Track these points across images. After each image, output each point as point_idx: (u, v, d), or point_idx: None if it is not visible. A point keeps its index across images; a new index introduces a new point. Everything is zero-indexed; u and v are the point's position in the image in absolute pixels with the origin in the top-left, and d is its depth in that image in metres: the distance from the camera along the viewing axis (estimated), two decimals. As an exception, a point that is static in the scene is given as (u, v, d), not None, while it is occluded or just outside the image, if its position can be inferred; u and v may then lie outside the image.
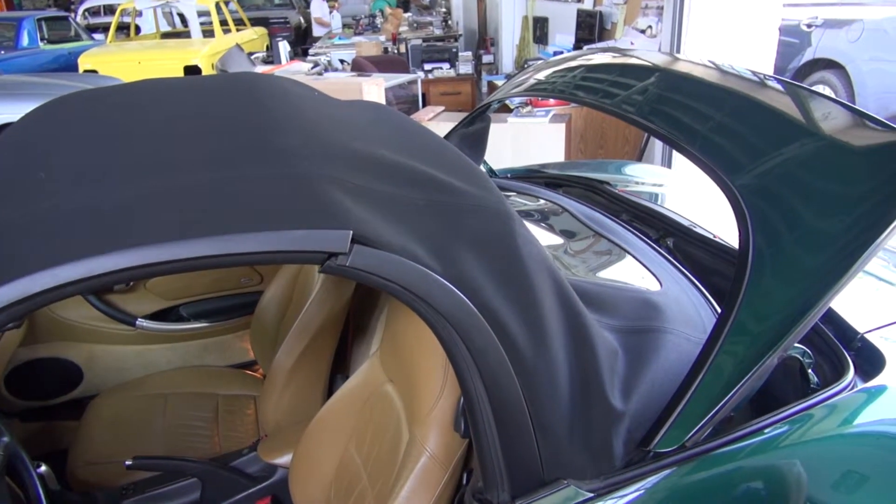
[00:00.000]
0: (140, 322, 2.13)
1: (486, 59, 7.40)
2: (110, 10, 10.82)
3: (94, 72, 7.03)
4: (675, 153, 3.67)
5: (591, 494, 0.95)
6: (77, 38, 9.55)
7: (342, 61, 5.91)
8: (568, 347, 0.97)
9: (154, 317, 2.18)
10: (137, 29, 9.63)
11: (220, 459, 1.71)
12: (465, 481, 1.13)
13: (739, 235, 1.07)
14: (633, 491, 0.97)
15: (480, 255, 0.92)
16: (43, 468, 1.40)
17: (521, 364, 0.92)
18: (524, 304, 0.93)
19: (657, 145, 3.86)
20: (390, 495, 1.13)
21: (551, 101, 4.23)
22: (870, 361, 1.18)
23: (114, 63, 7.27)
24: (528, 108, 4.18)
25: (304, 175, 0.90)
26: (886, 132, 1.15)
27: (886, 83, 4.96)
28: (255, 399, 2.05)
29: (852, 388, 1.11)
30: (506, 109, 4.29)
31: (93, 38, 9.83)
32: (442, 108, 4.55)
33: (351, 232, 0.81)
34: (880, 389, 1.13)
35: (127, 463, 1.56)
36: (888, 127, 1.16)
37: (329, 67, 5.42)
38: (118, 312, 2.11)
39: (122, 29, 9.35)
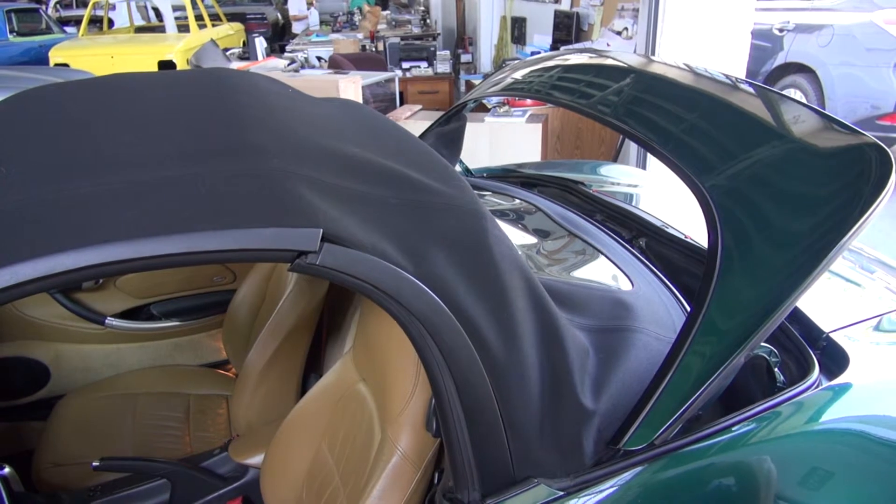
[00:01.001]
0: (109, 321, 2.10)
1: (465, 58, 7.41)
2: (82, 2, 10.64)
3: (66, 65, 6.89)
4: (649, 154, 3.71)
5: (562, 493, 0.96)
6: (48, 30, 9.36)
7: (319, 58, 5.87)
8: (539, 347, 0.97)
9: (124, 315, 2.14)
10: (111, 22, 9.47)
11: (191, 460, 1.68)
12: (436, 480, 1.13)
13: (709, 235, 1.08)
14: (603, 489, 0.98)
15: (452, 254, 0.91)
16: (6, 470, 1.37)
17: (491, 363, 0.92)
18: (496, 303, 0.93)
19: (632, 146, 3.90)
20: (362, 495, 1.13)
21: (528, 100, 4.25)
22: (834, 360, 1.20)
23: (86, 57, 7.13)
24: (506, 107, 4.19)
25: (274, 172, 0.89)
26: (851, 135, 1.18)
27: (855, 87, 5.07)
28: (227, 399, 2.02)
29: (817, 387, 1.13)
30: (483, 109, 4.30)
31: (64, 31, 9.65)
32: (419, 106, 4.55)
33: (321, 230, 0.81)
34: (844, 388, 1.15)
35: (94, 464, 1.53)
36: (853, 130, 1.18)
37: (306, 64, 5.38)
38: (86, 311, 2.07)
39: (95, 22, 9.18)
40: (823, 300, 1.44)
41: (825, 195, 1.09)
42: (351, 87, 3.86)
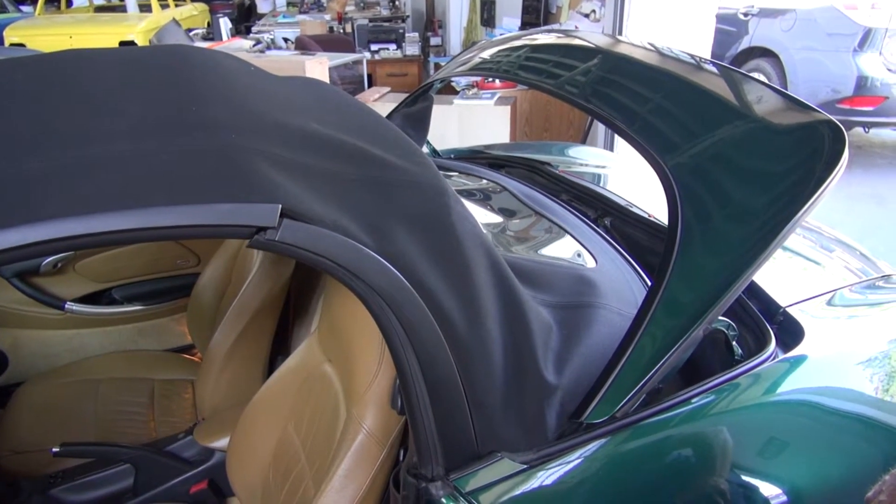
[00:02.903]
0: (69, 305, 2.05)
1: (434, 41, 7.35)
2: (39, -20, 10.24)
3: (22, 45, 6.65)
4: (616, 137, 3.74)
5: (525, 466, 0.97)
6: (3, 9, 9.02)
7: (286, 40, 5.77)
8: (502, 323, 0.97)
9: (84, 300, 2.10)
10: (69, 1, 9.17)
11: (155, 444, 1.66)
12: (401, 458, 1.13)
13: (669, 212, 1.10)
14: (566, 462, 0.99)
15: (414, 230, 0.91)
16: (-38, 457, 1.34)
17: (455, 340, 0.92)
18: (458, 279, 0.93)
19: (600, 129, 3.93)
20: (328, 474, 1.12)
21: (497, 83, 4.25)
22: (790, 334, 1.23)
23: (43, 37, 6.89)
24: (474, 89, 4.18)
25: (231, 148, 0.87)
26: (807, 113, 1.20)
27: (816, 72, 5.17)
28: (192, 383, 2.00)
29: (773, 359, 1.16)
30: (451, 91, 4.28)
31: (20, 10, 9.30)
32: (388, 88, 4.51)
33: (280, 206, 0.79)
34: (800, 360, 1.18)
35: (54, 450, 1.51)
36: (809, 108, 1.20)
37: (272, 45, 5.28)
38: (45, 296, 2.02)
39: (53, 1, 8.87)
40: (783, 277, 1.48)
41: (781, 172, 1.11)
42: (318, 67, 3.80)
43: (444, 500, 0.93)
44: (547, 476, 0.98)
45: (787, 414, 1.14)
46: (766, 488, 1.07)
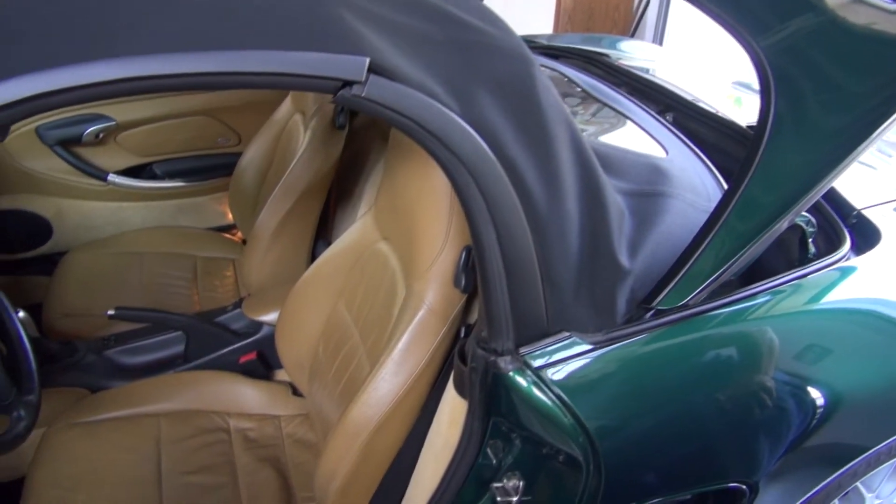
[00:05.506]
0: (111, 177, 2.04)
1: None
2: None
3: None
4: (666, 32, 3.56)
5: (592, 346, 0.97)
6: None
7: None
8: (580, 202, 0.94)
9: (126, 173, 2.09)
10: None
11: (205, 315, 1.69)
12: (462, 335, 1.13)
13: (761, 99, 1.03)
14: (633, 346, 0.99)
15: (499, 98, 0.86)
16: (22, 313, 1.37)
17: (534, 215, 0.89)
18: (541, 154, 0.89)
19: (649, 24, 3.74)
20: (385, 349, 1.13)
21: (541, -27, 4.00)
22: (865, 236, 1.19)
23: None
24: (517, -21, 3.95)
25: None
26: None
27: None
28: (233, 262, 2.02)
29: (847, 260, 1.13)
30: (493, -20, 4.05)
31: None
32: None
33: (368, 59, 0.75)
34: (875, 262, 1.15)
35: (109, 312, 1.54)
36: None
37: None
38: (88, 166, 2.01)
39: None
40: (846, 180, 1.42)
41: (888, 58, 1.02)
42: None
43: (512, 373, 0.94)
44: (613, 358, 0.98)
45: (862, 316, 1.12)
46: (832, 387, 1.06)
